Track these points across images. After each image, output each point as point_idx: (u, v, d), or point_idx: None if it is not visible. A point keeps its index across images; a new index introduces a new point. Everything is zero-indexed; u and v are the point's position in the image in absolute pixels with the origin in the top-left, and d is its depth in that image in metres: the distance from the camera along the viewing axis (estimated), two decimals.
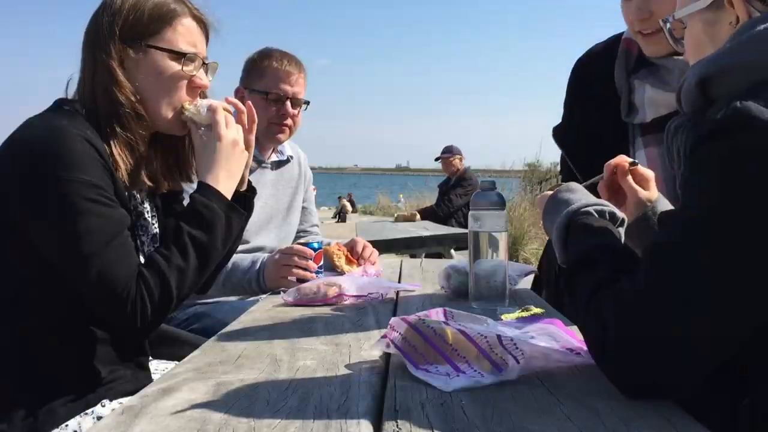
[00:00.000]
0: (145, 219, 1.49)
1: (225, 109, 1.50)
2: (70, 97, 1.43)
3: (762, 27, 0.96)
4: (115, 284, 1.24)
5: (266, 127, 2.30)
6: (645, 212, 1.37)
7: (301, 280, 1.84)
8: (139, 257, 1.40)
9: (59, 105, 1.40)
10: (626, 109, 1.70)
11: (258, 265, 2.02)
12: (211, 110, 1.46)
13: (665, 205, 1.43)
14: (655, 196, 1.42)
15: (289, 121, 2.33)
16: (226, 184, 1.44)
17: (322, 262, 1.94)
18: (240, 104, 1.55)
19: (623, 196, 1.41)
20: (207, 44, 1.52)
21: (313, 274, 1.89)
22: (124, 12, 1.39)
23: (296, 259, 1.92)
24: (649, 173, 1.41)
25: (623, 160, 1.42)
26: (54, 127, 1.28)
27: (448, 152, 8.03)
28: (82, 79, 1.42)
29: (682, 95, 1.05)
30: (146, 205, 1.52)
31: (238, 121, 1.52)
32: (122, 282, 1.25)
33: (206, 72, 1.51)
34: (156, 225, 1.54)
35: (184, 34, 1.44)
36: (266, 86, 2.31)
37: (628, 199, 1.41)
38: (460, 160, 8.03)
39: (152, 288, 1.28)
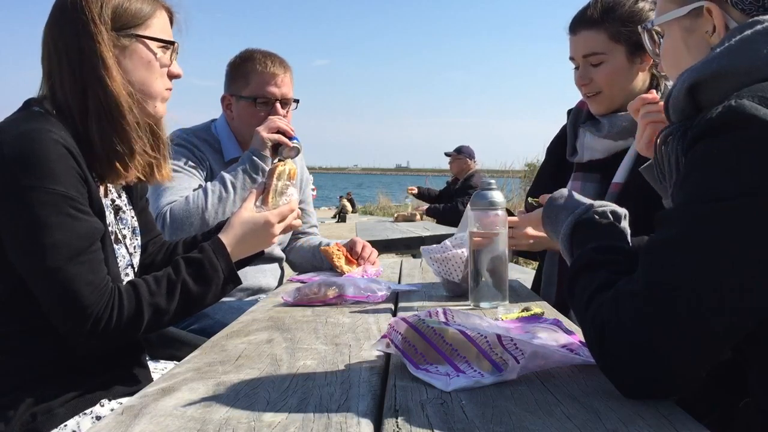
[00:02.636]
0: (124, 212, 1.49)
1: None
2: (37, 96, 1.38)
3: (750, 32, 0.97)
4: (78, 300, 1.22)
5: None
6: None
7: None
8: (117, 260, 1.40)
9: (28, 106, 1.36)
10: (571, 150, 2.09)
11: (247, 156, 2.17)
12: (289, 208, 1.61)
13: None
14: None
15: None
16: (239, 251, 1.51)
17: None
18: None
19: None
20: None
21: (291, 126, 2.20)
22: (109, 3, 1.37)
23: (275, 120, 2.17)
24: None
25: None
26: (26, 132, 1.25)
27: (457, 152, 7.98)
28: (57, 74, 1.36)
29: (670, 104, 1.04)
30: (123, 197, 1.51)
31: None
32: (85, 297, 1.23)
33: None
34: (135, 217, 1.54)
35: (164, 25, 1.46)
36: (253, 91, 2.28)
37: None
38: (472, 161, 7.95)
39: (123, 312, 1.28)
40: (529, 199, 1.69)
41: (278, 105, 2.29)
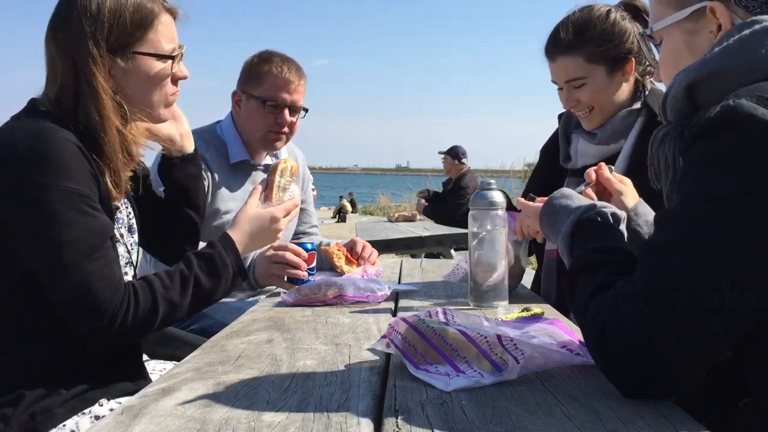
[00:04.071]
0: (121, 211, 1.49)
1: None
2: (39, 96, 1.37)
3: (748, 31, 0.96)
4: (95, 296, 1.23)
5: (263, 135, 2.29)
6: (627, 214, 1.42)
7: (293, 281, 1.82)
8: (117, 255, 1.40)
9: (35, 106, 1.35)
10: (564, 156, 2.09)
11: (249, 261, 1.93)
12: (293, 203, 1.65)
13: (647, 208, 1.46)
14: (636, 199, 1.50)
15: (286, 129, 2.30)
16: (245, 249, 1.54)
17: (314, 264, 1.90)
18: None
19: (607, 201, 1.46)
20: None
21: (305, 273, 1.84)
22: (105, 19, 1.33)
23: (288, 256, 1.84)
24: (626, 180, 1.55)
25: (603, 166, 1.54)
26: (37, 130, 1.25)
27: (447, 153, 7.96)
28: (54, 82, 1.35)
29: (668, 103, 1.04)
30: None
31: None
32: (102, 293, 1.23)
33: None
34: (132, 215, 1.54)
35: (164, 33, 1.42)
36: (265, 93, 2.27)
37: (613, 202, 1.46)
38: (458, 162, 7.91)
39: (139, 308, 1.28)
40: (530, 195, 1.67)
41: (286, 111, 2.28)
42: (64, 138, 1.25)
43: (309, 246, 1.90)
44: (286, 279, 1.83)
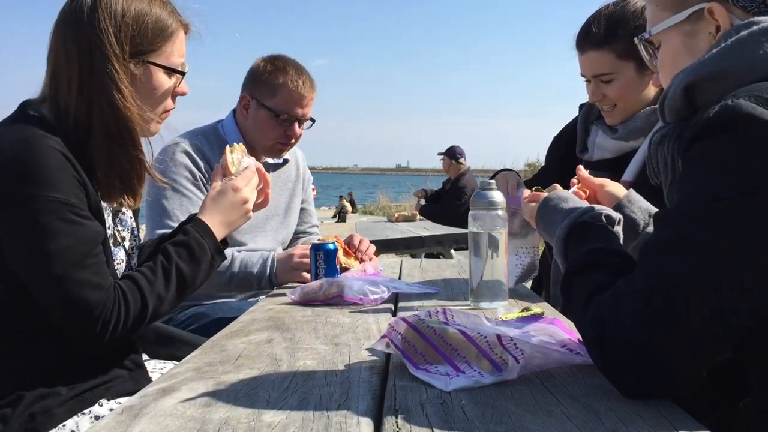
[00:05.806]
0: (124, 213, 1.49)
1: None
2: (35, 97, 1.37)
3: (746, 32, 0.97)
4: (86, 303, 1.23)
5: (272, 145, 2.30)
6: (620, 201, 1.42)
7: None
8: (115, 260, 1.40)
9: (24, 111, 1.34)
10: (581, 146, 2.09)
11: (269, 262, 2.07)
12: (251, 171, 1.60)
13: (637, 196, 1.45)
14: (624, 190, 1.49)
15: (293, 140, 2.33)
16: (219, 229, 1.51)
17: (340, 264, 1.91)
18: (266, 178, 1.67)
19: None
20: None
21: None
22: (129, 23, 1.35)
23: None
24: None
25: (580, 168, 1.56)
26: (23, 139, 1.24)
27: (445, 153, 7.97)
28: (63, 81, 1.34)
29: (666, 105, 1.04)
30: None
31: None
32: (92, 301, 1.24)
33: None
34: (133, 218, 1.54)
35: (179, 48, 1.45)
36: (278, 106, 2.25)
37: (600, 196, 1.48)
38: (456, 163, 7.90)
39: (130, 308, 1.29)
40: (534, 189, 1.64)
41: (296, 124, 2.29)
42: (49, 146, 1.24)
43: (331, 246, 1.89)
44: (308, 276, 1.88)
